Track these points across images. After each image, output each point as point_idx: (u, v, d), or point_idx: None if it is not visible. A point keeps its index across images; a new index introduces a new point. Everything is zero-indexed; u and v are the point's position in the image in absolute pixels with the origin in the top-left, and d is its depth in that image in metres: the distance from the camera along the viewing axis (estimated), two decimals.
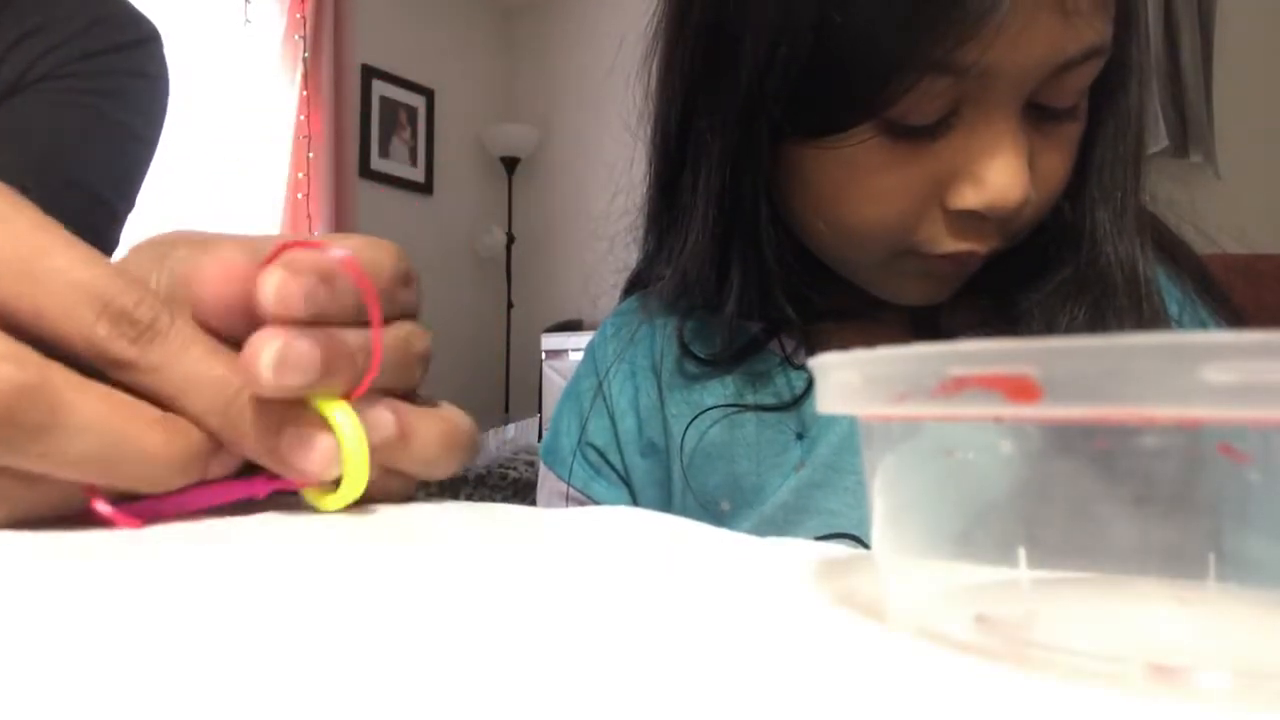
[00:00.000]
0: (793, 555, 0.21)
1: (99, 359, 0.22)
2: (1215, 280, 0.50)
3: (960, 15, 0.35)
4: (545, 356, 3.16)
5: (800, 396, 0.48)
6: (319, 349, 0.23)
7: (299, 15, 2.93)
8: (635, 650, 0.14)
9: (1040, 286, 0.45)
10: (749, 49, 0.41)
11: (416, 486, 0.29)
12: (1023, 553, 0.14)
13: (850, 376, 0.15)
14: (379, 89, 3.26)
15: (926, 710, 0.11)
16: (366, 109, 3.22)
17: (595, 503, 0.52)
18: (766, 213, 0.45)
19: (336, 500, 0.25)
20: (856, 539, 0.45)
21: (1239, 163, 2.13)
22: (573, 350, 3.10)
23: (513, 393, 3.61)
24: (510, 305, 3.64)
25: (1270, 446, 0.12)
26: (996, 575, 0.15)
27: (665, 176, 0.49)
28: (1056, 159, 0.41)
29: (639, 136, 0.51)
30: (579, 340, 3.09)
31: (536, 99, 3.74)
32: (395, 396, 0.27)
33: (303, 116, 2.92)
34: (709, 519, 0.48)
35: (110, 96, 0.69)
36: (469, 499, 0.52)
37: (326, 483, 0.25)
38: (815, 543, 0.22)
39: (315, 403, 0.24)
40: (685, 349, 0.50)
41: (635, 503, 0.52)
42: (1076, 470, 0.13)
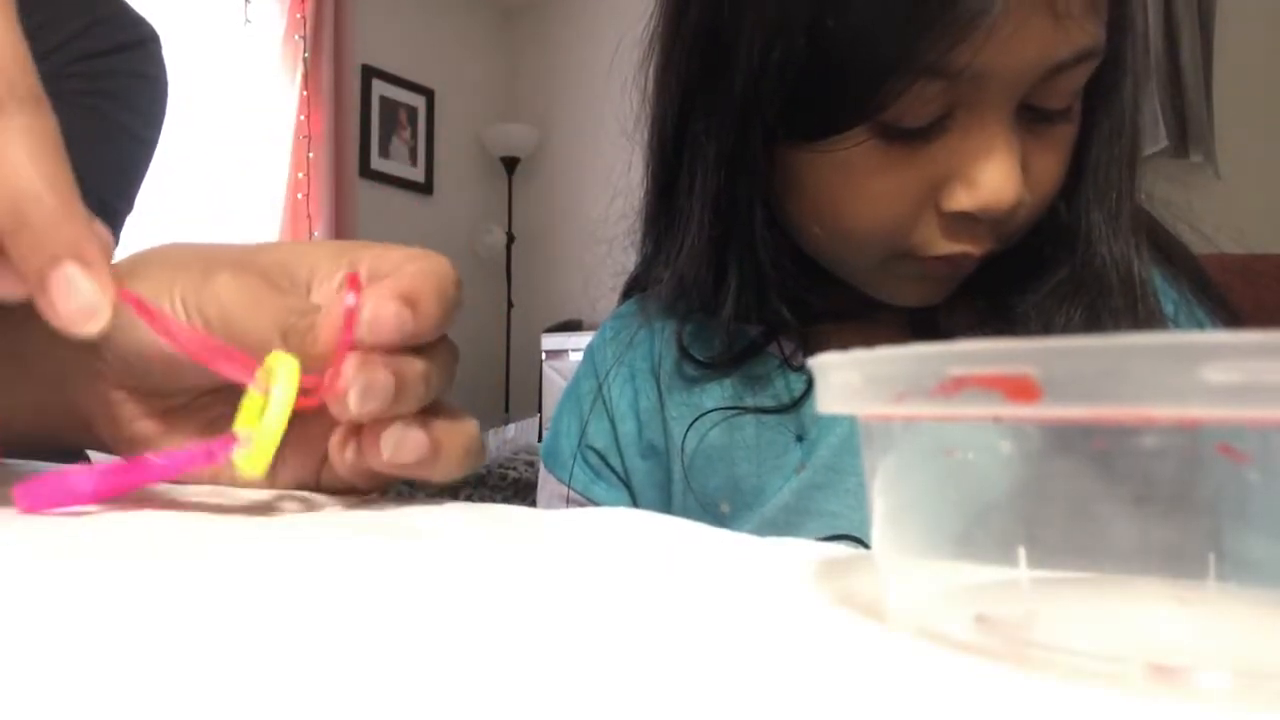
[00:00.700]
0: (793, 555, 0.21)
1: None
2: (1212, 281, 0.50)
3: (952, 18, 0.35)
4: (545, 356, 3.16)
5: (800, 399, 0.48)
6: (393, 379, 0.26)
7: (299, 15, 2.93)
8: (635, 650, 0.14)
9: (1036, 288, 0.45)
10: (744, 52, 0.41)
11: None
12: (1023, 553, 0.14)
13: (850, 376, 0.15)
14: (379, 89, 3.26)
15: (926, 710, 0.11)
16: (366, 109, 3.22)
17: (596, 505, 0.52)
18: (762, 216, 0.45)
19: (248, 463, 0.25)
20: (858, 540, 0.45)
21: (1239, 163, 2.13)
22: (573, 350, 3.10)
23: (513, 393, 3.61)
24: (510, 305, 3.64)
25: (1270, 446, 0.12)
26: (996, 575, 0.15)
27: (662, 180, 0.50)
28: (1050, 160, 0.41)
29: (636, 141, 0.51)
30: (579, 340, 3.09)
31: (536, 99, 3.74)
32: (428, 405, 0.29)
33: (303, 116, 2.92)
34: (709, 521, 0.48)
35: (110, 97, 0.69)
36: (469, 499, 0.52)
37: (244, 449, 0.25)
38: (815, 543, 0.22)
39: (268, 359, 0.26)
40: (684, 352, 0.51)
41: (635, 505, 0.52)
42: (1076, 470, 0.13)
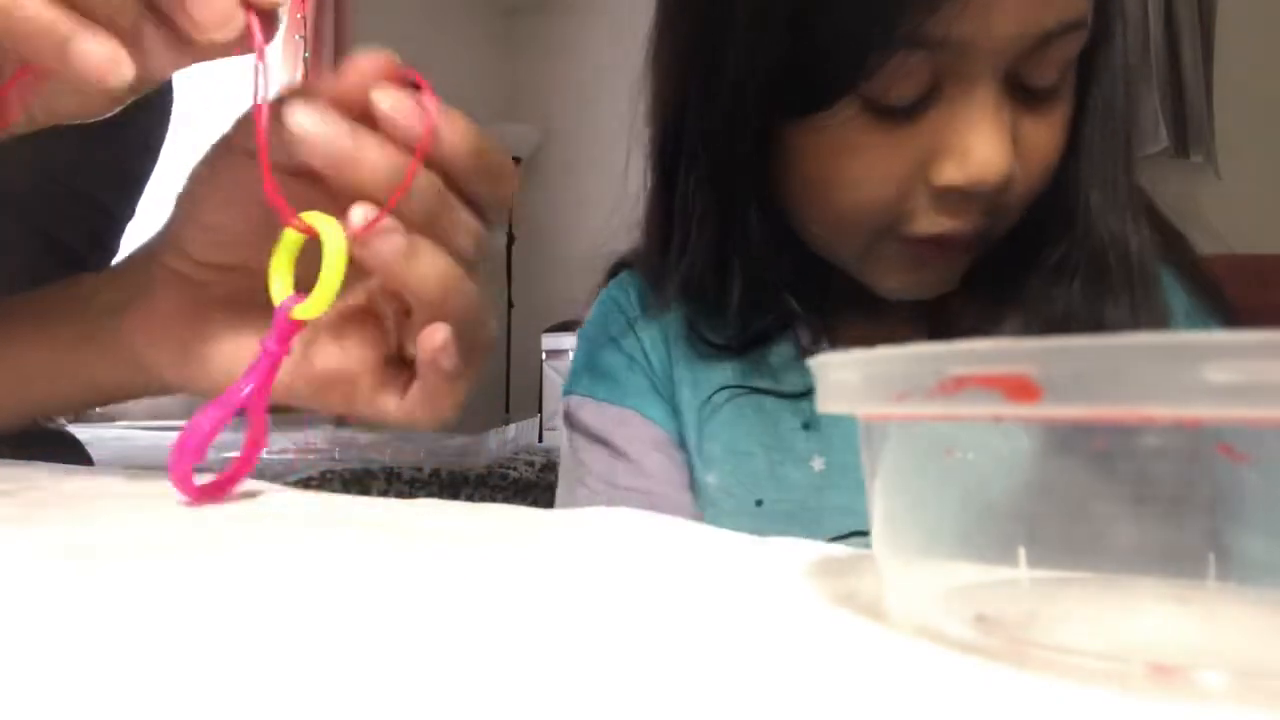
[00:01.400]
0: (793, 555, 0.21)
1: None
2: (1211, 278, 0.50)
3: None
4: (545, 356, 3.15)
5: (812, 389, 0.48)
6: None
7: (299, 15, 2.93)
8: (634, 650, 0.14)
9: (1037, 270, 0.45)
10: (736, 33, 0.42)
11: (459, 403, 0.31)
12: (1023, 553, 0.14)
13: (850, 376, 0.15)
14: None
15: (926, 710, 0.11)
16: None
17: (640, 417, 0.51)
18: (758, 209, 0.45)
19: (307, 309, 0.27)
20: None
21: (1239, 163, 2.13)
22: (573, 350, 3.09)
23: (513, 393, 3.60)
24: (510, 305, 3.64)
25: (1270, 446, 0.12)
26: (996, 575, 0.15)
27: (663, 177, 0.50)
28: (1042, 137, 0.41)
29: (640, 140, 0.51)
30: None
31: (536, 99, 3.74)
32: None
33: None
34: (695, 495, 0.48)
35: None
36: (469, 499, 0.52)
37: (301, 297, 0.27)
38: (815, 543, 0.22)
39: (313, 221, 0.27)
40: (695, 332, 0.50)
41: (678, 420, 0.51)
42: (1076, 470, 0.13)
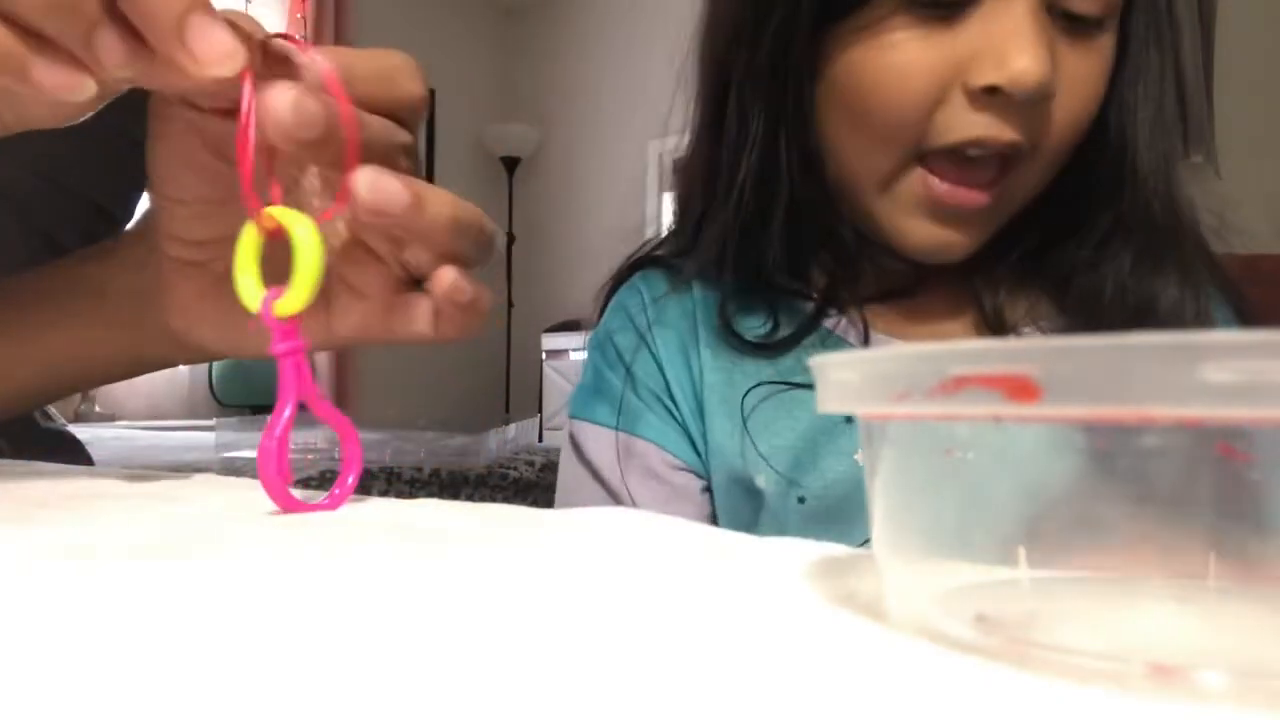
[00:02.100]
0: (793, 555, 0.21)
1: None
2: (1230, 278, 0.51)
3: None
4: (545, 356, 3.15)
5: None
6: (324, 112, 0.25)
7: (299, 15, 2.93)
8: (634, 650, 0.14)
9: (1083, 241, 0.47)
10: None
11: (483, 322, 0.31)
12: (1023, 553, 0.14)
13: (850, 376, 0.15)
14: None
15: (926, 710, 0.11)
16: None
17: (643, 441, 0.51)
18: (799, 155, 0.47)
19: (289, 303, 0.26)
20: None
21: (1239, 163, 2.13)
22: (573, 350, 3.10)
23: (513, 393, 3.61)
24: (510, 305, 3.64)
25: (1270, 446, 0.12)
26: (996, 575, 0.15)
27: (709, 131, 0.51)
28: (1082, 69, 0.43)
29: (687, 85, 0.53)
30: (579, 340, 3.09)
31: (536, 99, 3.74)
32: None
33: None
34: (745, 495, 0.48)
35: (111, 105, 0.69)
36: (469, 499, 0.52)
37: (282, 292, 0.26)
38: (815, 543, 0.22)
39: (279, 217, 0.26)
40: (731, 331, 0.50)
41: (689, 437, 0.51)
42: (1076, 470, 0.13)
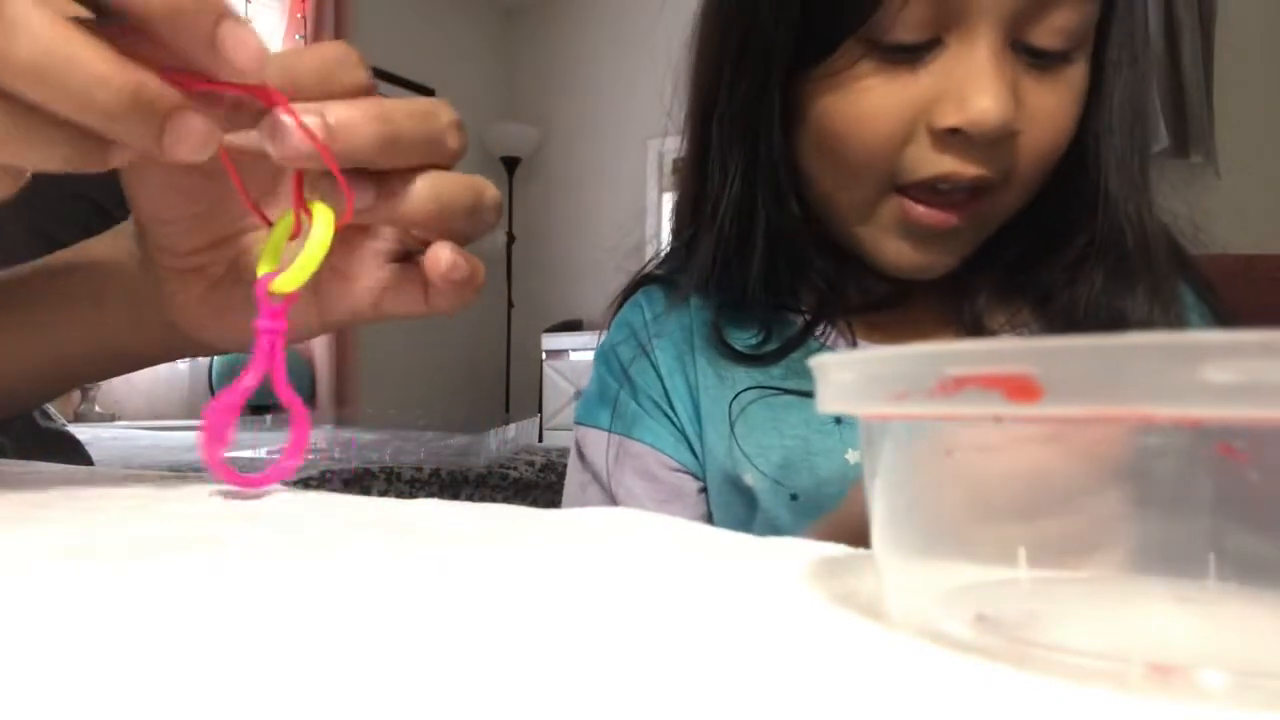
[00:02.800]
0: (793, 555, 0.21)
1: None
2: (1208, 278, 0.51)
3: None
4: (545, 356, 3.15)
5: None
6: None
7: (299, 15, 2.93)
8: (634, 650, 0.14)
9: (1059, 258, 0.48)
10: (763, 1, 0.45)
11: (475, 296, 0.33)
12: (1023, 553, 0.14)
13: (849, 376, 0.15)
14: (379, 89, 3.26)
15: (926, 710, 0.11)
16: None
17: (641, 445, 0.52)
18: (786, 175, 0.48)
19: (285, 281, 0.28)
20: None
21: (1239, 163, 2.13)
22: (573, 350, 3.10)
23: (513, 393, 3.61)
24: (510, 305, 3.64)
25: (1270, 446, 0.12)
26: (996, 575, 0.15)
27: (696, 156, 0.52)
28: (1049, 102, 0.43)
29: (675, 122, 0.54)
30: (579, 340, 3.09)
31: (536, 99, 3.74)
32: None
33: None
34: (736, 493, 0.49)
35: None
36: (469, 499, 0.52)
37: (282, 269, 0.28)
38: (815, 543, 0.22)
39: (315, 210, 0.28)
40: (722, 342, 0.51)
41: (688, 443, 0.53)
42: (1077, 470, 0.13)
